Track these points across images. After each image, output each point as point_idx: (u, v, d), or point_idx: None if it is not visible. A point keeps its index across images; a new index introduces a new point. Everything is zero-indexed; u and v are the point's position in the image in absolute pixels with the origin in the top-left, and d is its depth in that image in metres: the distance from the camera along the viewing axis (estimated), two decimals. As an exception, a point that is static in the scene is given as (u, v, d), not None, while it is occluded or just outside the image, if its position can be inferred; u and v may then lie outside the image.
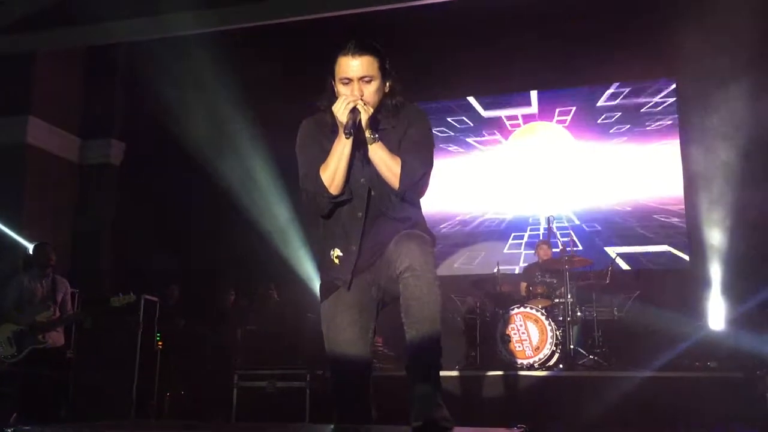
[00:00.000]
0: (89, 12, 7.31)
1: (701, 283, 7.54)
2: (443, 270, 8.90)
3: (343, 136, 2.46)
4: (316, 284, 8.03)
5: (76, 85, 9.33)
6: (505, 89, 9.40)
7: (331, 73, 2.56)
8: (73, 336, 7.02)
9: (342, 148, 2.50)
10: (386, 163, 2.51)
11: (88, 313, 6.86)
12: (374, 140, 2.50)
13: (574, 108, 9.19)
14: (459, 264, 9.11)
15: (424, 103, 9.41)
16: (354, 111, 2.45)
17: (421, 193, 2.61)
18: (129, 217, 9.03)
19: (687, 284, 7.86)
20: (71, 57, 9.15)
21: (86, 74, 9.41)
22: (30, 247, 6.87)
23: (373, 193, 2.57)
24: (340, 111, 2.45)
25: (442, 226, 9.18)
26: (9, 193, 8.27)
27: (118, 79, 9.15)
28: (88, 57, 9.27)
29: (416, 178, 2.52)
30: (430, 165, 2.59)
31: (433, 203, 9.10)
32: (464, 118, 9.58)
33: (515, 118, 9.42)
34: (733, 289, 7.26)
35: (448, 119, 9.58)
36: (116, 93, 9.42)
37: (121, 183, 9.52)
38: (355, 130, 2.45)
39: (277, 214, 8.36)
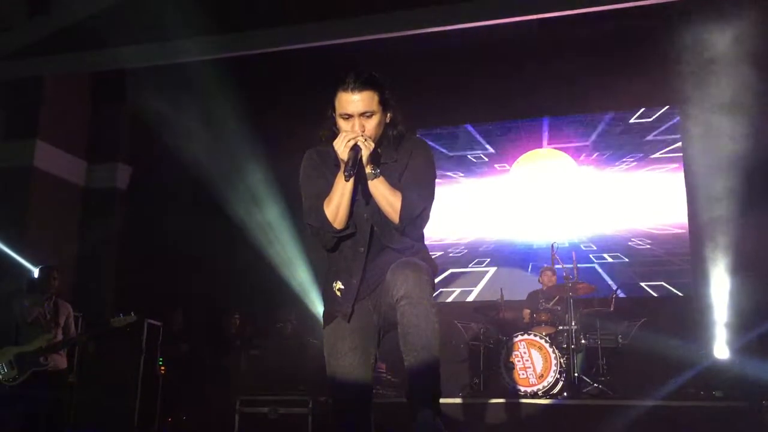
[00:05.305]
0: (97, 38, 7.41)
1: (706, 310, 7.49)
2: (446, 296, 8.89)
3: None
4: (319, 309, 8.06)
5: (83, 109, 9.39)
6: (510, 116, 9.45)
7: (331, 104, 2.56)
8: (75, 359, 7.00)
9: (344, 184, 2.49)
10: (387, 199, 2.50)
11: (90, 336, 6.84)
12: (375, 176, 2.50)
13: (577, 135, 9.23)
14: (462, 290, 9.08)
15: (427, 130, 9.48)
16: (355, 148, 2.44)
17: (421, 227, 2.60)
18: (134, 241, 9.04)
19: (691, 312, 7.81)
20: (79, 81, 9.23)
21: (94, 99, 9.48)
22: (35, 270, 6.88)
23: (375, 228, 2.58)
24: (341, 149, 2.44)
25: (445, 251, 9.17)
26: (15, 216, 8.30)
27: (126, 103, 9.22)
28: (95, 81, 9.36)
29: (416, 214, 2.52)
30: (431, 199, 2.59)
31: (437, 229, 9.11)
32: (468, 144, 9.61)
33: (519, 145, 9.45)
34: (739, 317, 7.21)
35: (452, 146, 9.61)
36: (123, 117, 9.48)
37: (128, 207, 9.55)
38: (355, 171, 2.43)
39: (282, 239, 8.37)
